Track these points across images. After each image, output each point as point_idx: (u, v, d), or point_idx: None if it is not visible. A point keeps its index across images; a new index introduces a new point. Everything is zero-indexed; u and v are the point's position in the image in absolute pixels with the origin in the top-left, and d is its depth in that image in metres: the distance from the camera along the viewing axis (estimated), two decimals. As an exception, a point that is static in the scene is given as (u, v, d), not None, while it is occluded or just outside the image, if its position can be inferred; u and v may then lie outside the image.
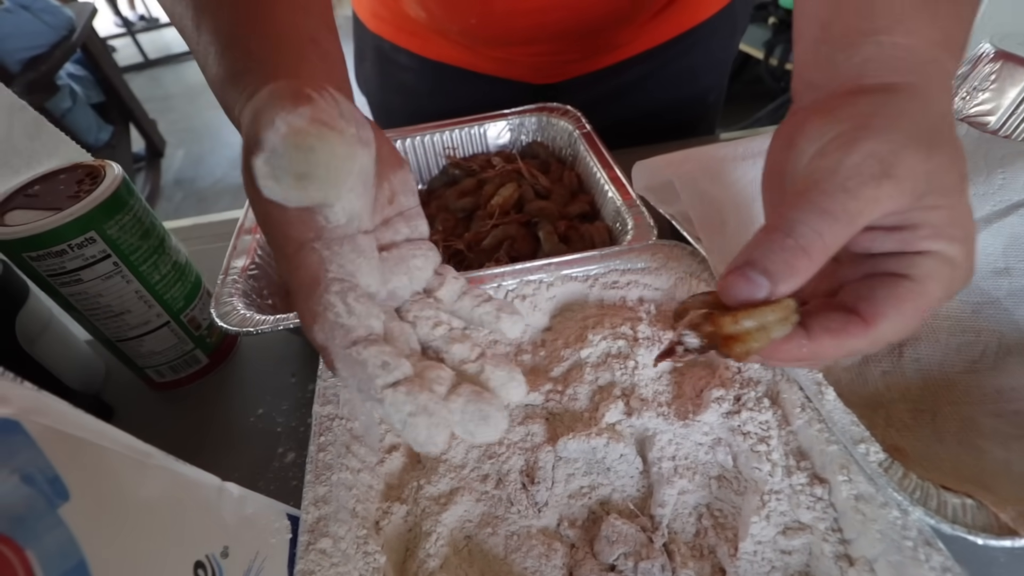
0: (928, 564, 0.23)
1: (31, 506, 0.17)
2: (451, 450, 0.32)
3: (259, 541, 0.24)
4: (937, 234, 0.21)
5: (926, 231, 0.21)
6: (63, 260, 0.33)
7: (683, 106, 0.67)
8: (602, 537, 0.28)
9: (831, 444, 0.28)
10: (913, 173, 0.20)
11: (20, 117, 0.41)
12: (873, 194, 0.20)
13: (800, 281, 0.20)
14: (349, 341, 0.19)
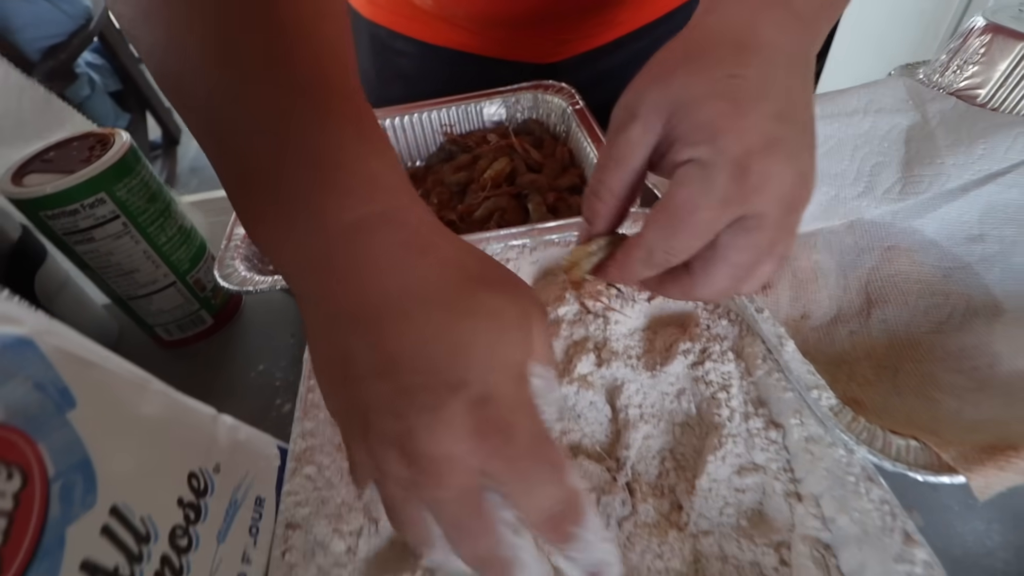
0: (867, 497, 0.25)
1: (43, 409, 0.19)
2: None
3: (249, 463, 0.27)
4: (684, 143, 0.22)
5: (677, 146, 0.22)
6: (76, 219, 0.36)
7: None
8: (570, 476, 0.30)
9: (787, 391, 0.29)
10: (656, 106, 0.22)
11: (30, 94, 0.44)
12: (625, 137, 0.23)
13: (603, 220, 0.26)
14: None
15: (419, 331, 0.20)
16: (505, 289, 0.22)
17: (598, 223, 0.26)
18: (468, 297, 0.21)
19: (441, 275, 0.21)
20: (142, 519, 0.21)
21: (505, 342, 0.20)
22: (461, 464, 0.19)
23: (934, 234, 0.39)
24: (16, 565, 0.17)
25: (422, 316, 0.20)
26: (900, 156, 0.42)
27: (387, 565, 0.28)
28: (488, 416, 0.19)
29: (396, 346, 0.20)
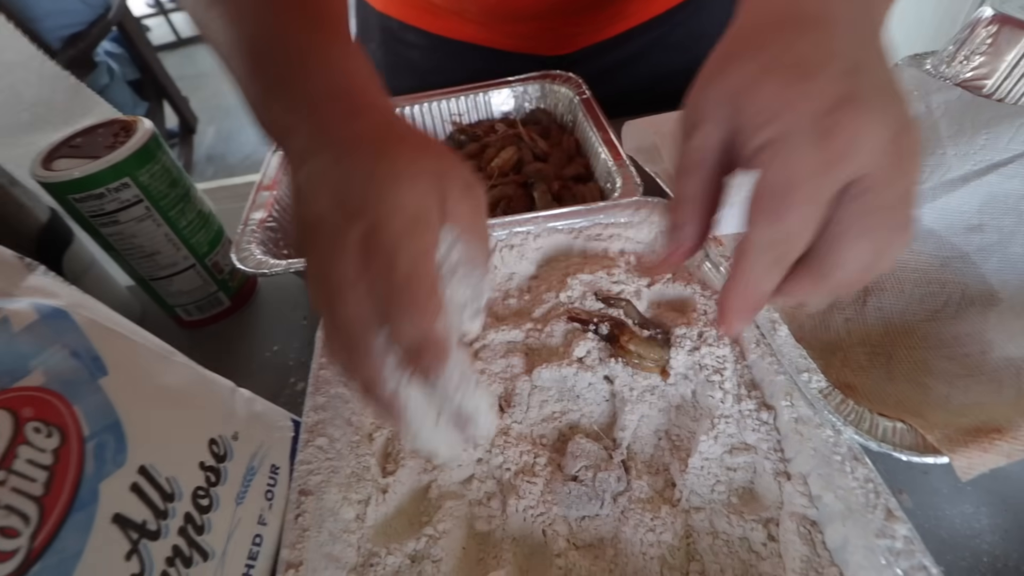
0: (852, 475, 0.26)
1: (77, 375, 0.21)
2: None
3: (265, 434, 0.28)
4: (753, 130, 0.20)
5: (746, 135, 0.21)
6: (102, 202, 0.38)
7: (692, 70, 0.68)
8: (568, 453, 0.31)
9: (779, 375, 0.30)
10: (717, 103, 0.22)
11: (60, 83, 0.45)
12: (691, 144, 0.23)
13: (689, 228, 0.24)
14: None
15: (333, 166, 0.23)
16: (425, 152, 0.24)
17: (684, 234, 0.25)
18: (383, 146, 0.24)
19: (369, 129, 0.24)
20: (167, 479, 0.22)
21: (408, 187, 0.22)
22: (353, 288, 0.21)
23: (933, 223, 0.39)
24: (56, 513, 0.19)
25: (340, 155, 0.24)
26: (904, 147, 0.42)
27: (393, 532, 0.30)
28: (375, 244, 0.21)
29: (319, 186, 0.23)
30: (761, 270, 0.21)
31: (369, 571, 0.27)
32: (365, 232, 0.22)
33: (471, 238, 0.24)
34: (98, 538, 0.19)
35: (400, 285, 0.21)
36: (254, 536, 0.25)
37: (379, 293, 0.21)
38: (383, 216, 0.22)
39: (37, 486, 0.19)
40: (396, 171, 0.22)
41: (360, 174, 0.23)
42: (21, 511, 0.18)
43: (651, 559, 0.28)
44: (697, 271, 0.38)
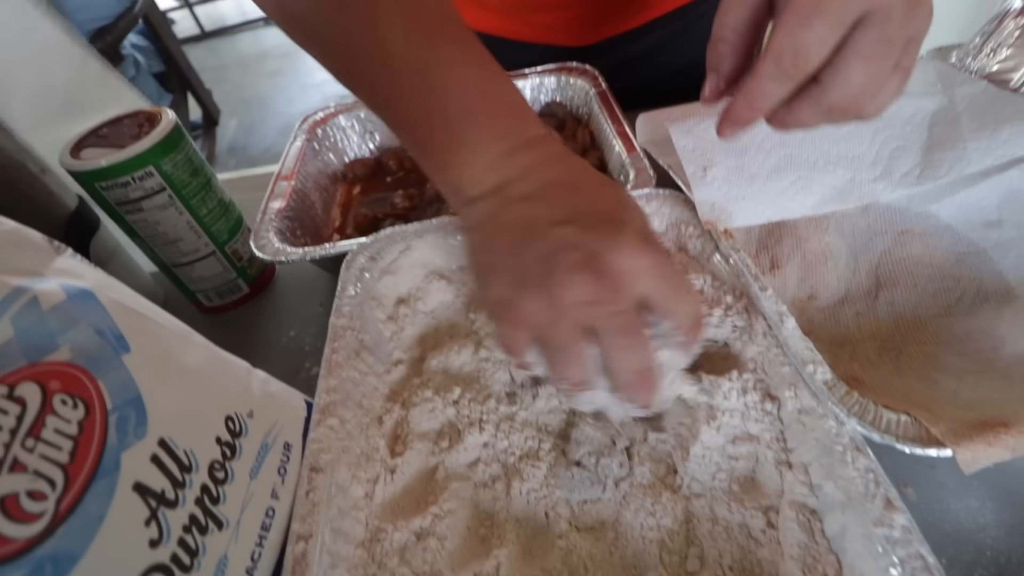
0: (853, 465, 0.26)
1: (102, 352, 0.22)
2: (444, 363, 0.36)
3: (279, 413, 0.30)
4: None
5: None
6: (127, 191, 0.39)
7: None
8: (572, 439, 0.32)
9: (784, 366, 0.30)
10: None
11: (89, 69, 0.47)
12: None
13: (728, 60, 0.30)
14: None
15: (589, 193, 0.28)
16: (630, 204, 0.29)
17: (724, 64, 0.29)
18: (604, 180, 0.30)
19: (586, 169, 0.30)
20: (185, 452, 0.24)
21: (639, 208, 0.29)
22: (636, 277, 0.25)
23: (950, 219, 0.38)
24: (80, 480, 0.20)
25: (587, 186, 0.29)
26: (922, 140, 0.41)
27: (400, 511, 0.31)
28: (649, 240, 0.26)
29: (574, 203, 0.28)
30: (774, 78, 0.25)
31: (376, 546, 0.28)
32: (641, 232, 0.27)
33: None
34: (120, 504, 0.21)
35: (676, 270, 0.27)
36: (267, 509, 0.27)
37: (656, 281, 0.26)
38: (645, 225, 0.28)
39: (63, 454, 0.20)
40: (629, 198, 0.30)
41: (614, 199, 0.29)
42: (48, 476, 0.19)
43: (650, 542, 0.28)
44: (707, 263, 0.38)
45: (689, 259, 0.39)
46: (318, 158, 0.58)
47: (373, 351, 0.36)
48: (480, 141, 0.30)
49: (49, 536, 0.19)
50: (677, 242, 0.41)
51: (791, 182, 0.38)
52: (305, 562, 0.25)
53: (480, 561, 0.29)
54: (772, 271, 0.38)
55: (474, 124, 0.30)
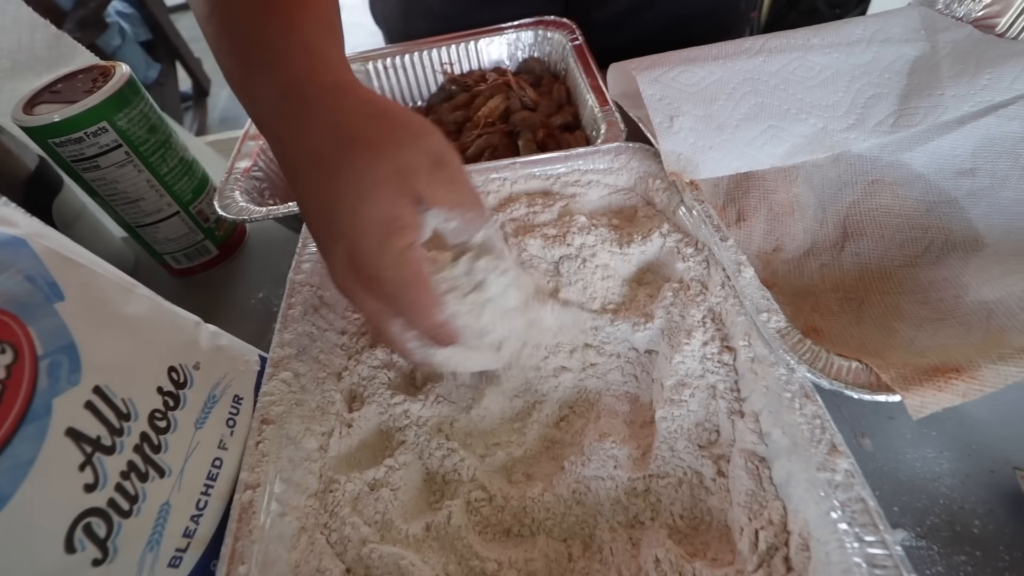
0: (800, 412, 0.26)
1: (33, 298, 0.22)
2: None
3: (229, 365, 0.29)
4: None
5: None
6: (82, 147, 0.38)
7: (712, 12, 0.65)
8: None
9: (740, 315, 0.30)
10: None
11: (42, 32, 0.45)
12: None
13: None
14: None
15: (308, 190, 0.25)
16: (378, 148, 0.24)
17: None
18: (338, 160, 0.24)
19: (320, 140, 0.25)
20: (123, 400, 0.23)
21: (368, 201, 0.24)
22: (360, 295, 0.25)
23: (922, 168, 0.37)
24: (8, 423, 0.20)
25: (308, 178, 0.25)
26: (900, 88, 0.40)
27: (356, 464, 0.31)
28: (358, 264, 0.24)
29: (302, 200, 0.26)
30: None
31: (328, 496, 0.28)
32: (348, 253, 0.24)
33: (452, 211, 0.26)
34: (51, 448, 0.21)
35: (393, 294, 0.24)
36: (213, 459, 0.27)
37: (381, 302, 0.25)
38: (357, 237, 0.24)
39: (-11, 397, 0.20)
40: (358, 189, 0.24)
41: (328, 197, 0.24)
42: (-27, 419, 0.19)
43: (605, 493, 0.28)
44: (673, 216, 0.37)
45: (655, 212, 0.38)
46: (289, 118, 0.57)
47: (334, 308, 0.36)
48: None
49: (-27, 477, 0.19)
50: (644, 196, 0.40)
51: (760, 131, 0.37)
52: (252, 510, 0.26)
53: (432, 511, 0.29)
54: (738, 223, 0.37)
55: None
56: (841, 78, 0.40)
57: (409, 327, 0.26)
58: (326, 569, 0.26)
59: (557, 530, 0.28)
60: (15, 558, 0.20)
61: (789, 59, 0.41)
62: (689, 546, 0.27)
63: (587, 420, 0.32)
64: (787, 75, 0.40)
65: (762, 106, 0.38)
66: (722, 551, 0.26)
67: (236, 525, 0.25)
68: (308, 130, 0.25)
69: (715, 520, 0.28)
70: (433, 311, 0.25)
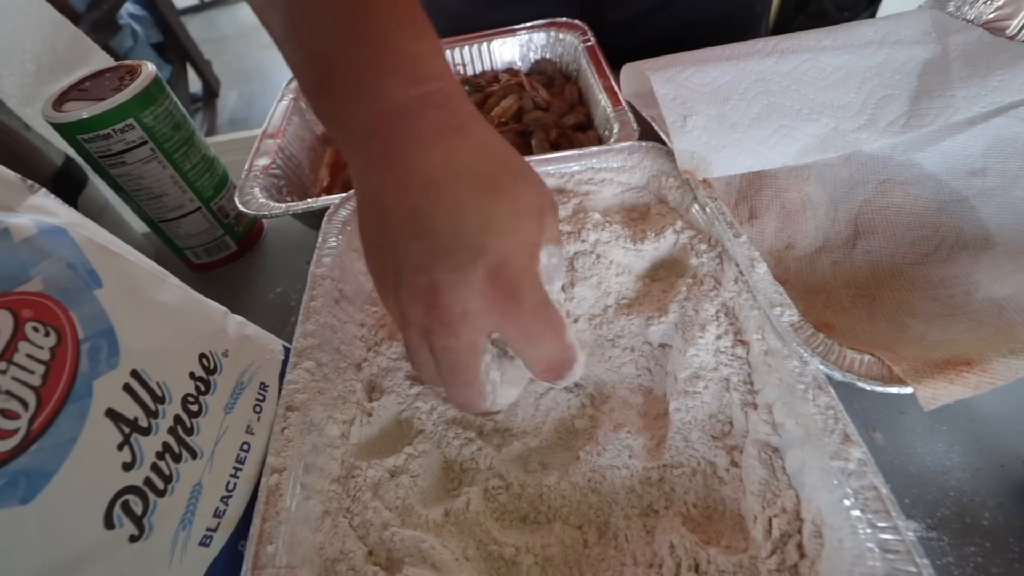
0: (814, 403, 0.26)
1: (74, 284, 0.23)
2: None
3: (255, 354, 0.30)
4: None
5: None
6: (109, 143, 0.39)
7: (727, 14, 0.65)
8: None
9: (754, 310, 0.31)
10: None
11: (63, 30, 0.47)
12: None
13: None
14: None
15: (452, 203, 0.23)
16: (527, 178, 0.25)
17: None
18: (496, 179, 0.24)
19: (474, 156, 0.24)
20: (158, 384, 0.24)
21: (523, 222, 0.24)
22: (474, 320, 0.23)
23: (934, 167, 0.38)
24: (53, 402, 0.21)
25: (456, 191, 0.23)
26: (911, 89, 0.41)
27: (376, 451, 0.32)
28: (502, 281, 0.23)
29: (431, 213, 0.23)
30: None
31: (350, 481, 0.29)
32: (493, 268, 0.23)
33: (556, 248, 0.26)
34: (92, 427, 0.21)
35: (533, 313, 0.24)
36: (242, 443, 0.28)
37: (507, 325, 0.24)
38: (511, 253, 0.23)
39: (35, 377, 0.21)
40: (517, 211, 0.24)
41: (479, 213, 0.23)
42: (20, 397, 0.20)
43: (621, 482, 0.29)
44: (686, 214, 0.38)
45: (668, 210, 0.39)
46: (305, 118, 0.58)
47: (353, 301, 0.37)
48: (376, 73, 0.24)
49: (22, 452, 0.20)
50: (657, 194, 0.40)
51: (773, 131, 0.38)
52: (278, 492, 0.26)
53: (451, 498, 0.30)
54: (751, 221, 0.38)
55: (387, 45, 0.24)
56: (853, 79, 0.41)
57: (535, 358, 0.25)
58: (349, 551, 0.27)
59: (573, 517, 0.29)
60: (58, 532, 0.21)
61: (801, 60, 0.41)
62: (703, 534, 0.27)
63: (602, 412, 0.32)
64: (799, 76, 0.41)
65: (774, 106, 0.39)
66: (735, 539, 0.27)
67: (264, 507, 0.26)
68: (462, 146, 0.24)
69: (728, 509, 0.28)
70: (566, 333, 0.25)
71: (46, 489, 0.20)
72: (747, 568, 0.25)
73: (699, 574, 0.25)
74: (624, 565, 0.27)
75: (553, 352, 0.25)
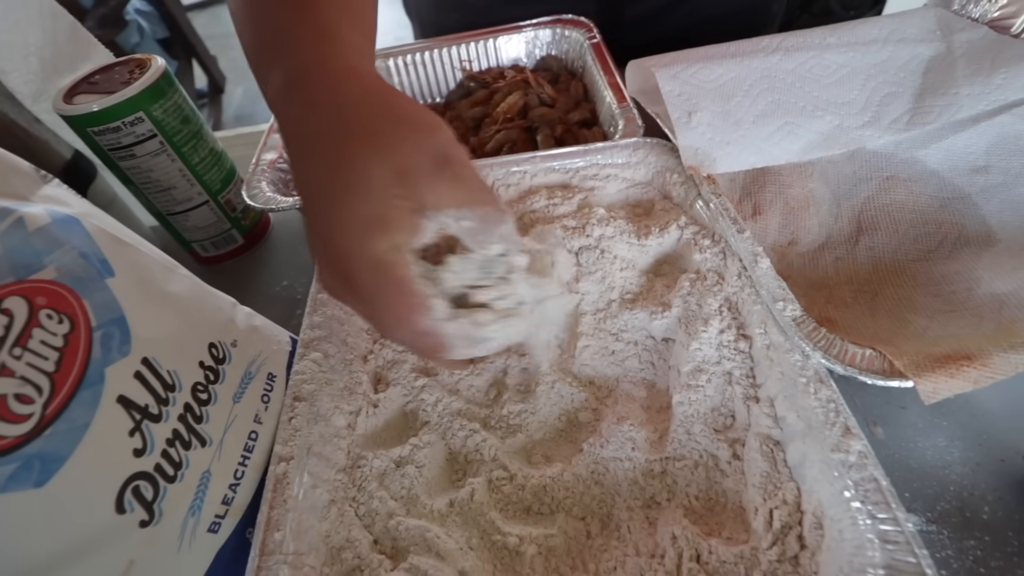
0: (815, 396, 0.27)
1: (87, 273, 0.23)
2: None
3: (263, 345, 0.31)
4: None
5: None
6: (119, 136, 0.40)
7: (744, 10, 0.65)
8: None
9: (756, 304, 0.31)
10: None
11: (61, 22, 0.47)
12: None
13: None
14: None
15: (301, 179, 0.24)
16: (375, 145, 0.23)
17: None
18: (333, 150, 0.23)
19: (320, 126, 0.24)
20: (169, 372, 0.25)
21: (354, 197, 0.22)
22: (340, 295, 0.25)
23: (937, 165, 0.38)
24: (66, 388, 0.21)
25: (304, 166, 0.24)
26: (915, 87, 0.41)
27: (382, 442, 0.32)
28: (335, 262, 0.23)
29: (297, 188, 0.25)
30: None
31: (356, 471, 0.30)
32: (325, 249, 0.23)
33: (462, 210, 0.24)
34: (104, 414, 0.22)
35: (369, 298, 0.23)
36: (250, 432, 0.28)
37: (359, 305, 0.24)
38: (335, 233, 0.22)
39: (49, 363, 0.21)
40: (347, 183, 0.22)
41: (317, 189, 0.23)
42: (35, 383, 0.20)
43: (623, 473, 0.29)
44: (690, 210, 0.38)
45: (672, 206, 0.39)
46: (312, 113, 0.58)
47: (359, 294, 0.37)
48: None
49: (36, 436, 0.20)
50: (661, 190, 0.41)
51: (777, 128, 0.38)
52: (286, 481, 0.27)
53: (455, 489, 0.30)
54: (754, 217, 0.38)
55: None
56: (857, 76, 0.41)
57: (384, 334, 0.25)
58: (355, 539, 0.27)
59: (576, 508, 0.29)
60: (70, 515, 0.21)
61: (806, 57, 0.41)
62: (704, 525, 0.28)
63: (605, 405, 0.33)
64: (803, 73, 0.41)
65: (779, 103, 0.39)
66: (737, 530, 0.27)
67: (271, 494, 0.26)
68: (309, 116, 0.24)
69: (730, 501, 0.28)
70: (414, 317, 0.23)
71: (59, 473, 0.20)
72: (748, 559, 0.25)
73: (700, 564, 0.26)
74: (626, 556, 0.27)
75: (402, 338, 0.24)
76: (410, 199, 0.22)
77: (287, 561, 0.25)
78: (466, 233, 0.24)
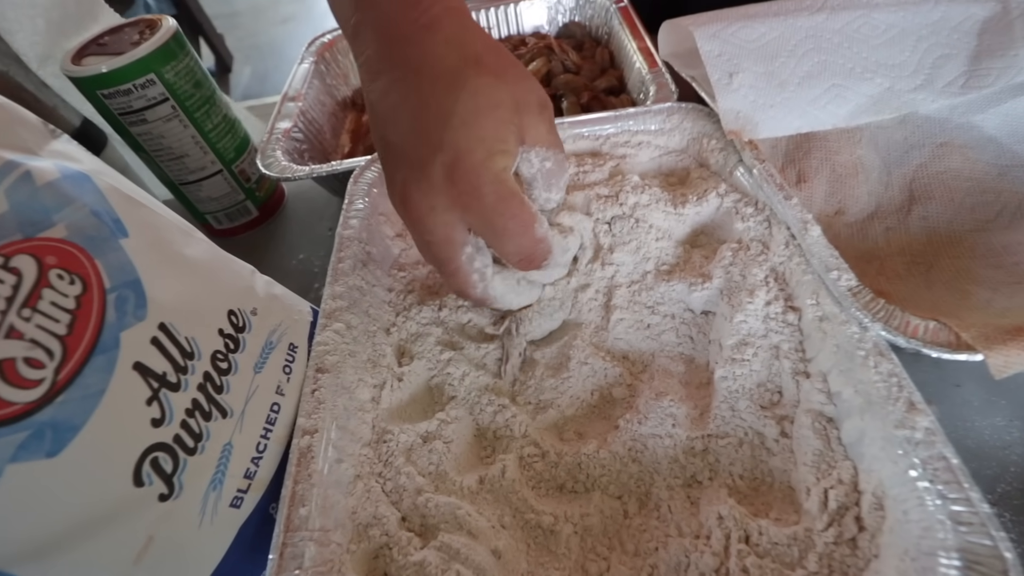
0: (876, 369, 0.25)
1: (99, 232, 0.22)
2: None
3: (284, 314, 0.29)
4: None
5: None
6: (130, 99, 0.38)
7: None
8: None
9: (806, 275, 0.29)
10: None
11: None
12: None
13: None
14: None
15: (416, 100, 0.25)
16: (499, 73, 0.25)
17: None
18: (459, 74, 0.24)
19: (445, 51, 0.25)
20: (187, 339, 0.23)
21: (483, 118, 0.24)
22: (442, 215, 0.25)
23: (995, 130, 0.36)
24: (79, 353, 0.20)
25: (418, 88, 0.25)
26: (970, 48, 0.38)
27: (407, 416, 0.31)
28: (458, 176, 0.24)
29: (397, 114, 0.25)
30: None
31: (382, 446, 0.28)
32: (449, 165, 0.24)
33: (549, 151, 0.27)
34: (120, 381, 0.20)
35: (492, 208, 0.24)
36: (272, 404, 0.27)
37: (471, 219, 0.25)
38: (467, 150, 0.24)
39: (61, 326, 0.20)
40: (477, 107, 0.24)
41: (439, 108, 0.24)
42: (46, 346, 0.19)
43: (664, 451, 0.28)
44: (729, 177, 0.36)
45: (710, 174, 0.37)
46: (326, 82, 0.56)
47: (381, 264, 0.35)
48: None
49: (48, 403, 0.19)
50: (698, 157, 0.39)
51: (824, 90, 0.36)
52: (310, 454, 0.25)
53: (485, 465, 0.29)
54: (799, 185, 0.36)
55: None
56: (908, 37, 0.38)
57: (505, 254, 0.27)
58: (383, 516, 0.26)
59: (612, 487, 0.28)
60: (85, 488, 0.20)
61: (853, 17, 0.39)
62: (750, 506, 0.26)
63: (640, 380, 0.31)
64: (851, 33, 0.38)
65: (825, 64, 0.36)
66: (785, 511, 0.26)
67: (296, 468, 0.25)
68: (432, 40, 0.25)
69: (777, 481, 0.27)
70: (535, 226, 0.26)
71: (73, 442, 0.19)
72: (802, 540, 0.24)
73: (750, 546, 0.24)
74: (668, 536, 0.25)
75: (521, 246, 0.26)
76: (518, 128, 0.25)
77: (313, 538, 0.24)
78: (544, 173, 0.28)
